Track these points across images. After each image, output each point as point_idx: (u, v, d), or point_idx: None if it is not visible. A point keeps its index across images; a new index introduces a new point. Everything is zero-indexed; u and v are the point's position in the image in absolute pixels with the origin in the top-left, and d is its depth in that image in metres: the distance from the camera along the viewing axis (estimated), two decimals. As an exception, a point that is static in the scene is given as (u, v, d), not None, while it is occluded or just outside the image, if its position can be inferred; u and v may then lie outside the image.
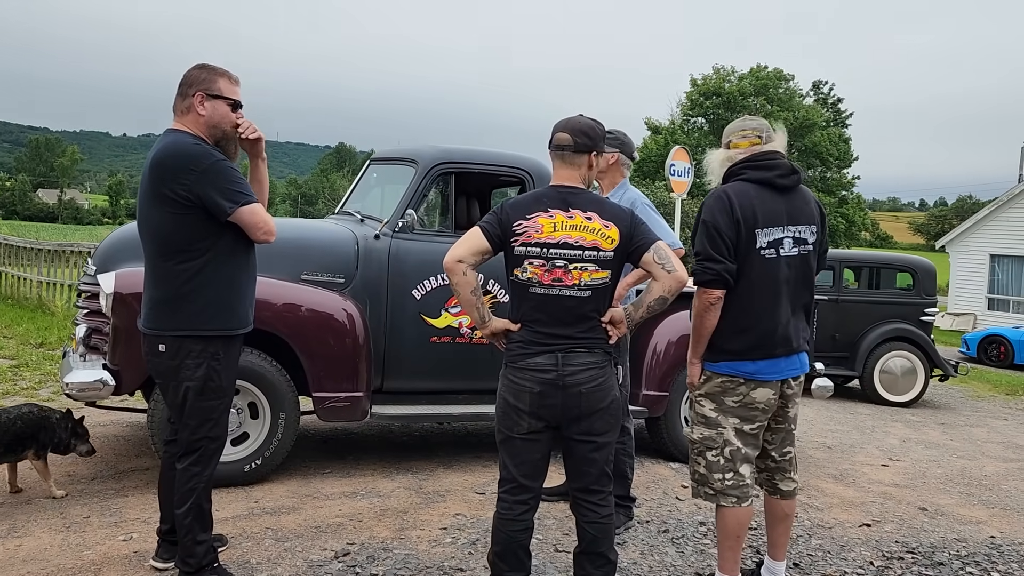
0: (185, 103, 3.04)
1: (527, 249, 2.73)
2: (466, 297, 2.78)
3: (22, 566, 3.27)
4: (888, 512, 4.76)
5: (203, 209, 2.92)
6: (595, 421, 2.78)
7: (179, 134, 3.02)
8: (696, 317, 3.10)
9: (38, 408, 4.12)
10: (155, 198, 2.95)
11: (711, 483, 3.14)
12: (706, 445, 3.15)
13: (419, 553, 3.64)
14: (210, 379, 3.03)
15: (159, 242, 2.99)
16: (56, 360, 7.60)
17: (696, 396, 3.21)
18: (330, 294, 4.59)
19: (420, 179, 4.92)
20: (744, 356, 3.08)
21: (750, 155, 3.16)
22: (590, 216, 2.75)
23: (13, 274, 11.89)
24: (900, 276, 10.12)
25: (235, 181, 2.96)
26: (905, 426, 7.86)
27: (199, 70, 3.08)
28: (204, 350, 3.01)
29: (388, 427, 6.01)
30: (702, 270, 3.04)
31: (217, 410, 3.08)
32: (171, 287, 2.98)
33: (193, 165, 2.90)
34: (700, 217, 3.10)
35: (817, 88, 46.42)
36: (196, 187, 2.89)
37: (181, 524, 3.04)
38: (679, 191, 11.75)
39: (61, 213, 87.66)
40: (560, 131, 2.85)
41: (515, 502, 2.82)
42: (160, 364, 3.04)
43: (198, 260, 2.97)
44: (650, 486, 4.86)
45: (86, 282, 4.64)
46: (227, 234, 3.00)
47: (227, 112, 3.07)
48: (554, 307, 2.74)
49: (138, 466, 4.68)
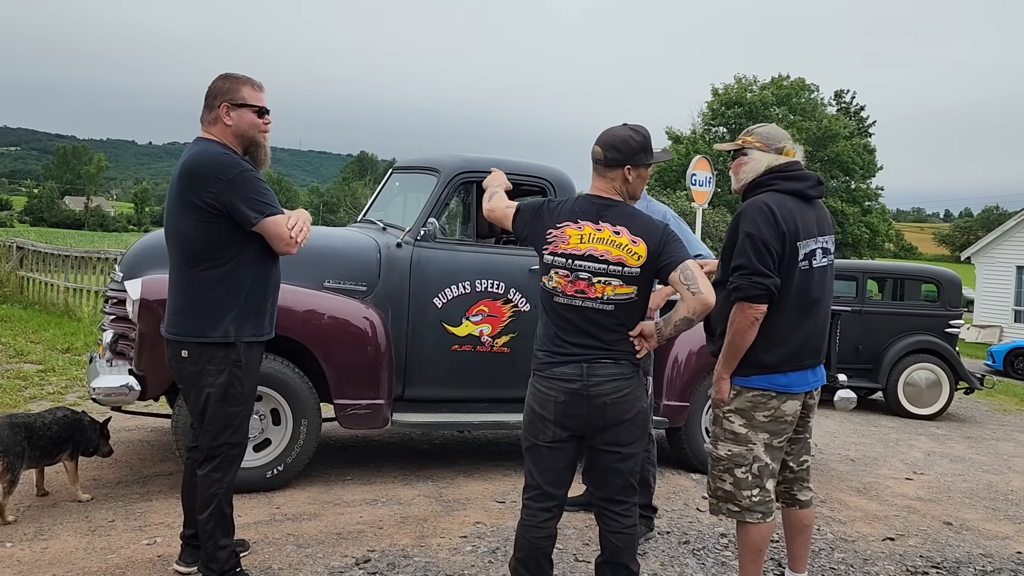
0: (212, 114, 3.08)
1: (554, 258, 2.76)
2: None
3: (48, 568, 3.31)
4: (912, 526, 4.71)
5: (229, 218, 2.95)
6: (621, 432, 2.77)
7: (208, 143, 3.06)
8: (737, 333, 2.99)
9: (71, 412, 4.19)
10: (182, 205, 2.99)
11: (738, 500, 3.08)
12: (735, 462, 3.07)
13: (439, 561, 3.64)
14: (231, 386, 3.05)
15: (185, 249, 3.02)
16: (82, 365, 7.70)
17: (725, 412, 3.11)
18: (352, 302, 4.62)
19: (442, 188, 4.95)
20: (777, 369, 3.04)
21: (781, 165, 3.12)
22: (619, 231, 2.74)
23: (41, 280, 12.06)
24: (925, 287, 10.01)
25: (261, 192, 2.99)
26: (930, 439, 7.77)
27: (223, 80, 3.11)
28: (226, 357, 3.03)
29: (409, 435, 6.03)
30: (750, 284, 2.93)
31: (238, 417, 3.10)
32: (195, 294, 3.02)
33: (220, 174, 2.94)
34: (741, 229, 2.99)
35: (839, 97, 46.15)
36: (223, 196, 2.93)
37: (203, 529, 3.07)
38: (700, 201, 11.70)
39: (88, 220, 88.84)
40: (596, 144, 2.87)
41: (539, 509, 2.83)
42: (182, 370, 3.08)
43: (222, 268, 3.00)
44: (671, 497, 4.83)
45: (113, 288, 4.70)
46: (252, 243, 3.03)
47: (254, 119, 3.09)
48: (577, 318, 2.74)
49: (162, 471, 4.73)
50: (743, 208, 3.06)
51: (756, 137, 3.18)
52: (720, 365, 3.09)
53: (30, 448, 3.84)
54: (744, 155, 3.18)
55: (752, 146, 3.16)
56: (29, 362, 7.83)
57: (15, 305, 11.74)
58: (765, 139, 3.16)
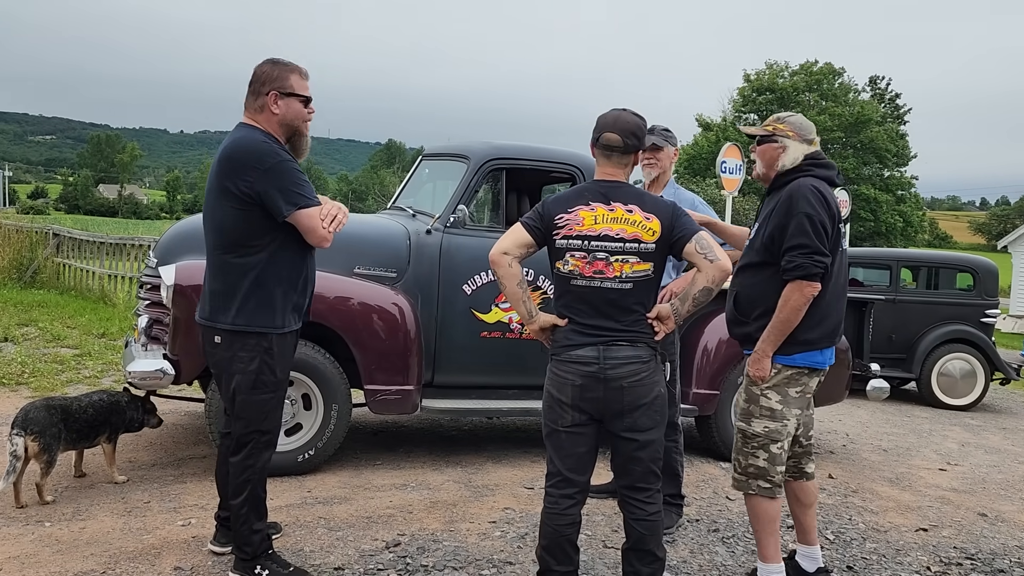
0: (258, 101, 3.05)
1: (568, 242, 2.74)
2: (512, 289, 2.79)
3: (85, 548, 3.38)
4: (946, 517, 4.65)
5: (262, 207, 2.95)
6: (639, 417, 2.77)
7: (250, 129, 3.04)
8: (793, 311, 3.06)
9: (107, 394, 4.27)
10: (219, 192, 2.99)
11: (770, 476, 3.16)
12: (771, 438, 3.15)
13: (468, 546, 3.66)
14: (262, 373, 3.05)
15: (220, 235, 3.03)
16: (117, 350, 7.83)
17: (764, 390, 3.18)
18: (382, 288, 4.65)
19: (472, 175, 4.95)
20: (817, 346, 3.16)
21: (814, 152, 3.23)
22: (631, 209, 2.76)
23: (77, 267, 12.27)
24: (960, 276, 9.83)
25: (297, 183, 2.97)
26: (964, 430, 7.65)
27: (271, 66, 3.07)
28: (257, 344, 3.03)
29: (438, 421, 6.06)
30: (811, 263, 3.01)
31: (269, 404, 3.11)
32: (229, 280, 3.02)
33: (257, 162, 2.93)
34: (799, 210, 3.04)
35: (874, 83, 45.41)
36: (258, 184, 2.92)
37: (237, 514, 3.10)
38: (730, 188, 11.60)
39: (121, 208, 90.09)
40: (609, 131, 2.83)
41: (561, 496, 2.82)
42: (215, 356, 3.10)
43: (257, 256, 3.00)
44: (700, 485, 4.81)
45: (147, 274, 4.77)
46: (287, 233, 3.02)
47: (300, 109, 3.08)
48: (596, 299, 2.74)
49: (196, 454, 4.81)
50: (793, 191, 3.11)
51: (789, 126, 3.24)
52: (766, 343, 3.14)
53: (66, 431, 3.91)
54: (774, 142, 3.24)
55: (785, 135, 3.23)
56: (66, 347, 7.98)
57: (52, 291, 11.96)
58: (799, 129, 3.24)
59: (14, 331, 8.47)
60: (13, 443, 3.71)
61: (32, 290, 11.96)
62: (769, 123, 3.29)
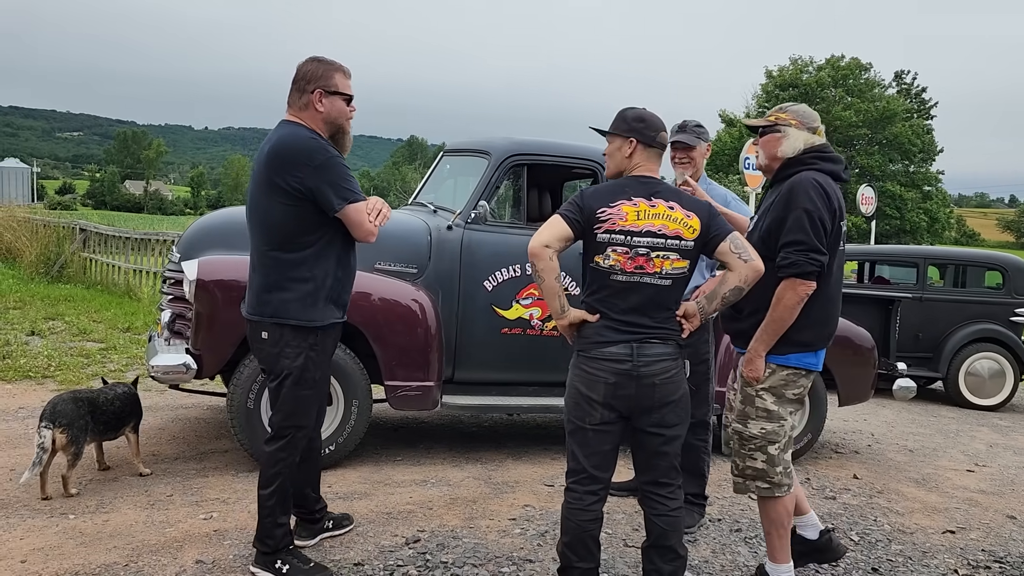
0: (303, 99, 3.06)
1: (611, 236, 2.71)
2: (550, 284, 2.73)
3: (109, 540, 3.41)
4: (974, 519, 4.57)
5: (313, 202, 2.97)
6: (667, 413, 2.77)
7: (296, 127, 3.06)
8: (787, 310, 2.97)
9: (126, 386, 4.34)
10: (268, 187, 3.00)
11: (769, 476, 3.11)
12: (768, 439, 3.10)
13: (488, 543, 3.65)
14: (307, 369, 3.08)
15: (268, 230, 3.03)
16: (142, 344, 7.91)
17: (758, 391, 3.10)
18: (403, 284, 4.64)
19: (493, 171, 4.93)
20: (811, 347, 3.09)
21: (819, 146, 3.14)
22: (672, 206, 2.75)
23: (103, 261, 12.40)
24: (989, 275, 9.66)
25: (347, 178, 3.01)
26: (992, 431, 7.53)
27: (315, 64, 3.09)
28: (304, 340, 3.06)
29: (458, 417, 6.06)
30: (807, 261, 2.92)
31: (310, 400, 3.14)
32: (276, 276, 3.03)
33: (308, 159, 2.95)
34: (798, 205, 2.96)
35: (900, 78, 44.83)
36: (309, 180, 2.94)
37: (264, 505, 3.11)
38: (754, 185, 11.50)
39: (147, 203, 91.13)
40: (663, 131, 2.88)
41: (585, 492, 2.81)
42: (263, 351, 3.11)
43: (304, 251, 3.02)
44: (722, 484, 4.77)
45: (171, 269, 4.80)
46: (335, 229, 3.05)
47: (343, 107, 3.10)
48: (634, 295, 2.72)
49: (217, 448, 4.83)
50: (794, 184, 3.02)
51: (791, 114, 3.17)
52: (758, 343, 3.06)
53: (93, 423, 3.97)
54: (777, 131, 3.16)
55: (787, 123, 3.16)
56: (92, 340, 8.07)
57: (78, 285, 12.10)
58: (801, 117, 3.17)
59: (41, 325, 8.58)
60: (41, 435, 3.76)
61: (59, 284, 12.12)
62: (772, 113, 3.23)
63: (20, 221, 15.43)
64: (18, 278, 12.71)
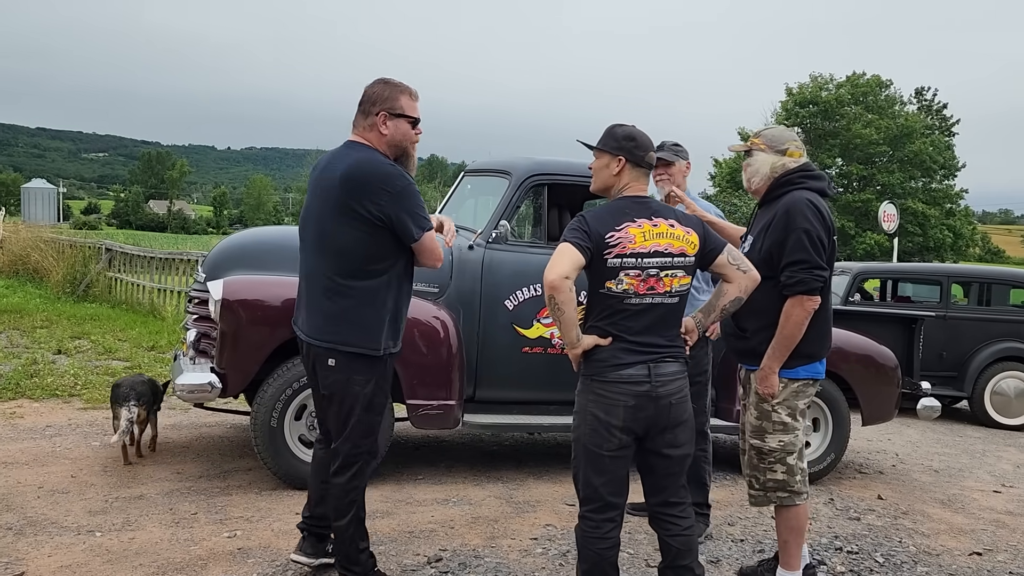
0: (368, 121, 3.02)
1: (623, 260, 2.69)
2: (570, 315, 2.67)
3: (135, 558, 3.44)
4: (1001, 541, 4.51)
5: (390, 230, 2.93)
6: (679, 432, 2.79)
7: (368, 150, 3.00)
8: (796, 326, 3.13)
9: (146, 375, 5.06)
10: (342, 212, 2.92)
11: (789, 486, 3.22)
12: (787, 451, 3.21)
13: (510, 562, 3.65)
14: (376, 396, 3.07)
15: (337, 256, 2.97)
16: (166, 363, 7.99)
17: (774, 406, 3.22)
18: (425, 303, 4.67)
19: (514, 190, 4.96)
20: (817, 358, 3.25)
21: (803, 165, 3.26)
22: (672, 223, 2.78)
23: (128, 280, 12.56)
24: (1014, 292, 9.56)
25: (422, 206, 2.99)
26: (1019, 451, 7.42)
27: (382, 86, 3.05)
28: (373, 367, 3.03)
29: (479, 436, 6.07)
30: (812, 278, 3.08)
31: (378, 424, 3.14)
32: (348, 303, 2.97)
33: (388, 186, 2.91)
34: (797, 226, 3.11)
35: (920, 95, 44.57)
36: (389, 208, 2.90)
37: (344, 535, 3.10)
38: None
39: (170, 223, 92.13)
40: (651, 150, 2.88)
41: (603, 520, 2.77)
42: (329, 378, 3.04)
43: (378, 279, 2.98)
44: (744, 505, 4.74)
45: (196, 289, 4.87)
46: (404, 256, 3.03)
47: (408, 130, 3.05)
48: (647, 316, 2.73)
49: (241, 466, 4.87)
50: (791, 205, 3.15)
51: (761, 139, 3.31)
52: (771, 360, 3.18)
53: (154, 401, 4.86)
54: (749, 156, 3.32)
55: (757, 147, 3.29)
56: (117, 359, 8.17)
57: (104, 304, 12.27)
58: (769, 140, 3.29)
59: (67, 344, 8.70)
60: (130, 411, 4.58)
61: (85, 303, 12.29)
62: (751, 139, 3.37)
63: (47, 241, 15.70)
64: (45, 297, 12.92)
